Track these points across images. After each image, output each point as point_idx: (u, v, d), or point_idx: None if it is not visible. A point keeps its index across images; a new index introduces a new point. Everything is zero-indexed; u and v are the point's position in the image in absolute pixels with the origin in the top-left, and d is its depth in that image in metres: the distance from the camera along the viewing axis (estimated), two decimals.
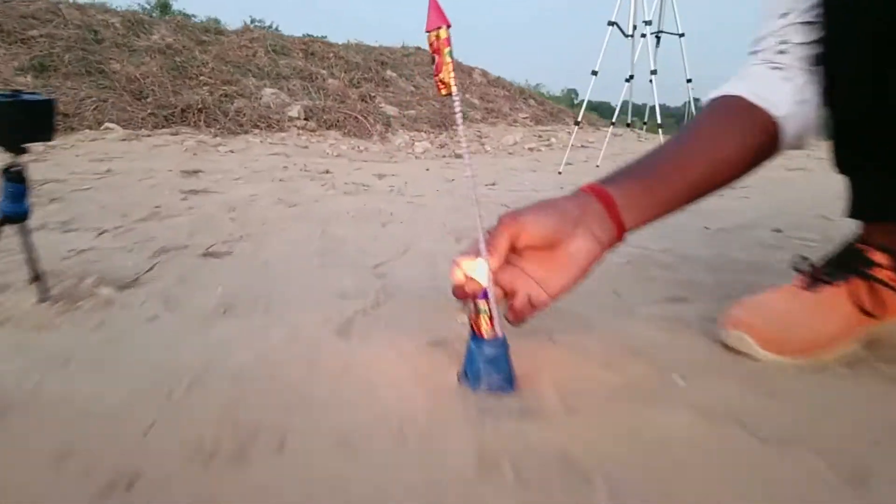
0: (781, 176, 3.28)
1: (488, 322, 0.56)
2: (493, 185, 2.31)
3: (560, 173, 3.02)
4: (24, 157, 0.72)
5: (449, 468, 0.42)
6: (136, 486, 0.39)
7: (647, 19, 2.85)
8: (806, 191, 2.33)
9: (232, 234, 1.18)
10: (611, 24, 2.93)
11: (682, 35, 3.32)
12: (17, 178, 0.73)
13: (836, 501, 0.40)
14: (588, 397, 0.54)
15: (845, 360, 0.65)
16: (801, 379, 0.61)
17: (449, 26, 0.55)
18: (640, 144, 5.77)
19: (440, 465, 0.42)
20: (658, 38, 3.39)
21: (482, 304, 0.55)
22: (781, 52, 0.69)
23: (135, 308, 0.75)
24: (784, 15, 0.69)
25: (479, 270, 0.56)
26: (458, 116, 0.57)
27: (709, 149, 0.67)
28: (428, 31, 0.55)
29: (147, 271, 0.90)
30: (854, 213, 0.74)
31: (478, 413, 0.50)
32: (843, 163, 0.72)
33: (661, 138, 3.05)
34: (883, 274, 0.69)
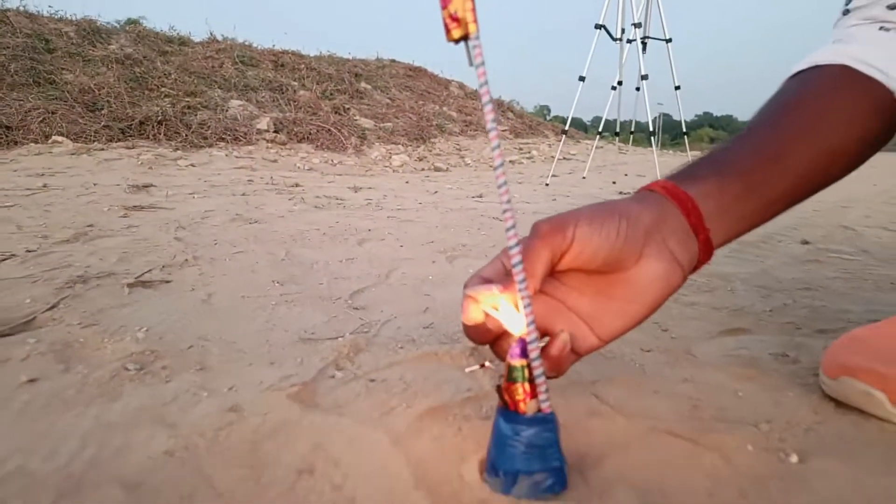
0: None
1: (529, 389, 0.36)
2: (481, 197, 2.13)
3: (547, 184, 2.87)
4: None
5: None
6: None
7: (635, 21, 2.72)
8: (819, 195, 2.21)
9: (174, 258, 0.96)
10: (598, 27, 2.79)
11: (669, 40, 3.21)
12: None
13: None
14: (681, 498, 0.35)
15: None
16: None
17: None
18: (622, 156, 5.69)
19: None
20: (644, 43, 3.28)
21: (518, 362, 0.36)
22: (893, 6, 0.52)
23: (12, 364, 0.53)
24: None
25: (510, 311, 0.37)
26: (482, 74, 0.36)
27: (813, 135, 0.48)
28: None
29: (47, 309, 0.68)
30: None
31: None
32: None
33: (654, 149, 2.92)
34: None
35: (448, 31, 0.35)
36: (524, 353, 0.36)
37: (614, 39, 2.77)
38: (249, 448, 0.40)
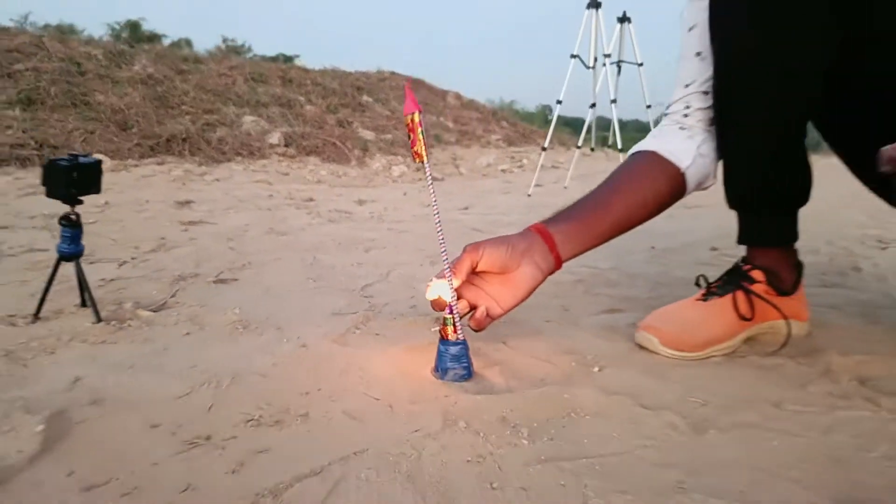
0: None
1: (453, 329, 0.75)
2: (466, 209, 2.52)
3: (529, 195, 3.26)
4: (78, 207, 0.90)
5: (424, 426, 0.61)
6: (210, 442, 0.58)
7: (606, 52, 3.12)
8: None
9: (234, 263, 1.36)
10: (573, 56, 3.19)
11: (640, 64, 3.61)
12: (73, 224, 0.91)
13: (685, 440, 0.61)
14: (525, 381, 0.74)
15: (727, 353, 0.87)
16: (687, 367, 0.82)
17: (421, 111, 0.75)
18: (607, 164, 6.07)
19: (417, 424, 0.62)
20: (619, 67, 3.68)
21: (447, 315, 0.75)
22: (686, 115, 0.92)
23: (170, 326, 0.93)
24: (688, 85, 0.92)
25: (444, 289, 0.76)
26: (430, 179, 0.76)
27: (631, 194, 0.88)
28: (405, 115, 0.75)
29: (171, 296, 1.08)
30: (741, 239, 0.96)
31: (444, 394, 0.69)
32: (732, 202, 0.94)
33: (621, 158, 3.31)
34: (758, 287, 0.91)
35: (414, 158, 0.75)
36: (451, 310, 0.75)
37: (588, 67, 3.17)
38: (314, 363, 0.79)
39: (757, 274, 0.92)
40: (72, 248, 0.91)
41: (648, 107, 3.60)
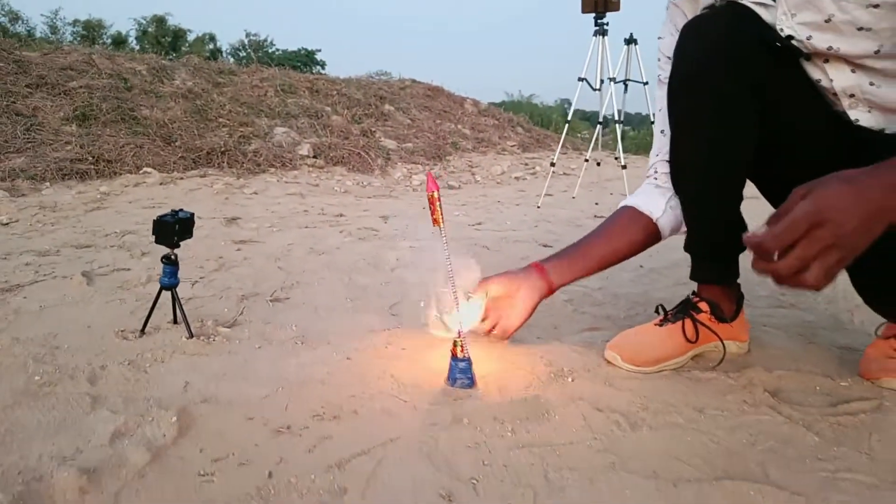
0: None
1: (461, 348, 1.01)
2: (480, 224, 2.78)
3: (539, 207, 3.49)
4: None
5: (439, 421, 0.88)
6: (291, 431, 0.85)
7: (611, 76, 3.34)
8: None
9: (285, 283, 1.64)
10: (580, 80, 3.42)
11: (646, 83, 3.82)
12: (172, 263, 1.19)
13: (623, 434, 0.86)
14: (513, 389, 1.00)
15: (675, 369, 1.11)
16: (640, 379, 1.07)
17: (438, 189, 1.01)
18: (615, 171, 6.26)
19: (434, 420, 0.88)
20: (626, 85, 3.90)
21: (457, 339, 1.01)
22: (656, 178, 1.18)
23: (244, 341, 1.21)
24: (657, 154, 1.18)
25: (454, 320, 1.02)
26: (445, 244, 1.02)
27: (610, 241, 1.17)
28: (428, 192, 1.01)
29: (240, 314, 1.36)
30: (691, 276, 1.21)
31: (454, 398, 0.96)
32: (685, 248, 1.19)
33: (625, 175, 3.53)
34: (702, 316, 1.16)
35: (434, 223, 1.01)
36: (460, 335, 1.01)
37: (594, 89, 3.39)
38: (359, 372, 1.06)
39: (703, 305, 1.17)
40: (172, 280, 1.20)
41: (652, 122, 3.80)
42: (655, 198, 1.18)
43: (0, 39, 4.64)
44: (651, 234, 1.18)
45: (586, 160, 3.88)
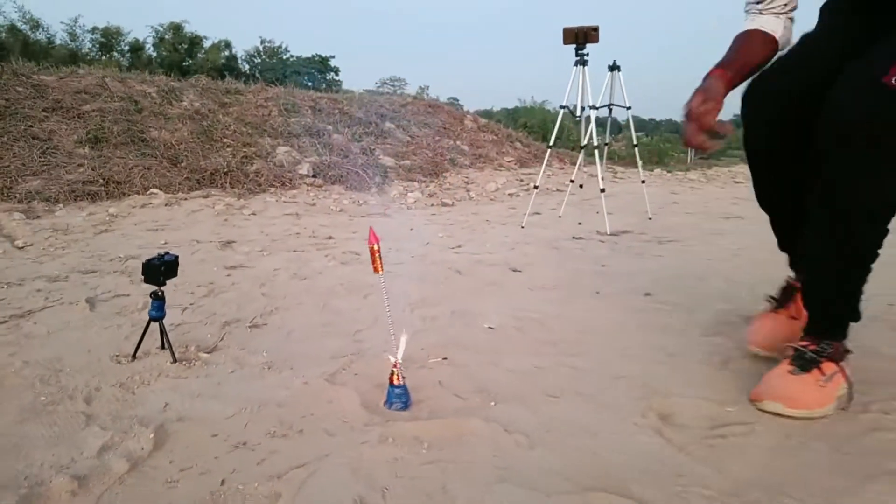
0: (715, 227, 3.90)
1: (398, 377, 1.19)
2: (459, 247, 2.96)
3: (522, 227, 3.67)
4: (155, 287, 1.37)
5: (369, 440, 1.06)
6: (247, 446, 1.03)
7: (591, 104, 3.52)
8: (719, 250, 2.94)
9: (266, 308, 1.83)
10: (562, 107, 3.60)
11: (629, 108, 3.99)
12: (159, 298, 1.39)
13: (522, 453, 1.04)
14: (440, 412, 1.18)
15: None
16: (554, 404, 1.24)
17: (378, 242, 1.19)
18: (609, 185, 6.41)
19: (363, 439, 1.06)
20: (610, 109, 4.07)
21: (394, 368, 1.19)
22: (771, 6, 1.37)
23: (220, 365, 1.40)
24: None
25: (399, 353, 1.20)
26: (385, 297, 1.21)
27: (746, 55, 1.33)
28: (368, 245, 1.20)
29: (220, 339, 1.55)
30: (790, 265, 1.42)
31: (386, 420, 1.14)
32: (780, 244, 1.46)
33: (602, 198, 3.70)
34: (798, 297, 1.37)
35: (374, 271, 1.20)
36: (396, 366, 1.19)
37: (576, 117, 3.57)
38: (312, 395, 1.24)
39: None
40: (159, 313, 1.39)
41: (635, 146, 3.98)
42: (774, 22, 1.35)
43: (19, 65, 4.91)
44: (772, 47, 1.36)
45: (571, 181, 4.05)
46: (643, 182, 3.97)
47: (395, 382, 1.19)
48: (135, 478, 0.96)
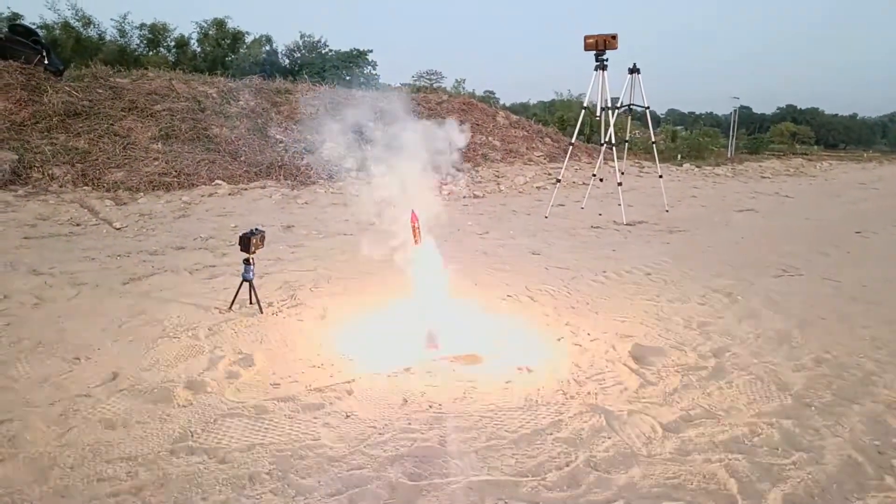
0: (725, 219, 4.18)
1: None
2: (486, 233, 3.35)
3: (546, 217, 4.02)
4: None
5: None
6: (328, 363, 1.46)
7: (609, 105, 3.85)
8: (722, 239, 3.23)
9: (318, 280, 2.26)
10: (584, 108, 3.94)
11: (647, 108, 4.28)
12: (251, 263, 1.82)
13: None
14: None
15: None
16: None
17: (417, 220, 1.60)
18: (634, 180, 6.67)
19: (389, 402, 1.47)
20: (630, 109, 4.37)
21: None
22: None
23: (293, 316, 1.83)
24: None
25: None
26: (416, 264, 1.61)
27: None
28: (411, 223, 1.60)
29: (292, 297, 1.99)
30: None
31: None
32: None
33: (621, 192, 4.02)
34: None
35: (415, 242, 1.61)
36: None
37: (596, 117, 3.89)
38: (338, 329, 1.66)
39: None
40: (249, 276, 1.83)
41: (653, 143, 4.27)
42: None
43: (98, 68, 5.51)
44: None
45: (593, 175, 4.37)
46: (660, 177, 4.27)
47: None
48: (237, 385, 1.39)
